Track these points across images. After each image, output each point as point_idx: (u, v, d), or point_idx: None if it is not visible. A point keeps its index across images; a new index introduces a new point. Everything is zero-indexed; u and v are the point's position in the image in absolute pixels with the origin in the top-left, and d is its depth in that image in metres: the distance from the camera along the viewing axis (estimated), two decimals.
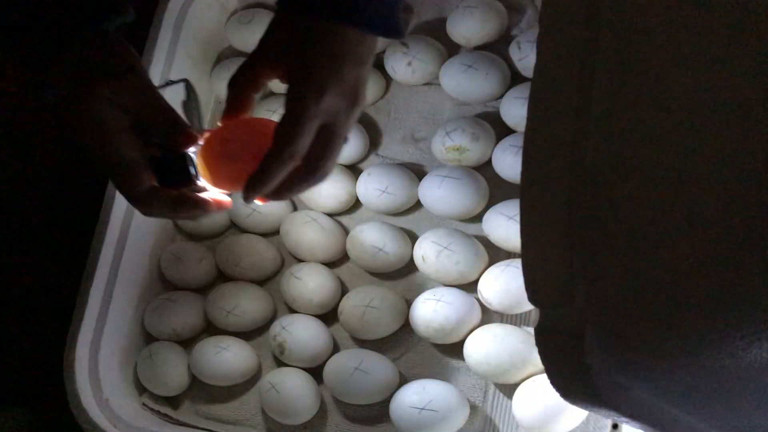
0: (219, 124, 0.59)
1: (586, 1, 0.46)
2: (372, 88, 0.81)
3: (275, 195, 0.58)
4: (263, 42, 0.57)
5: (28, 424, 0.84)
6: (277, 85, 0.84)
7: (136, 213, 0.79)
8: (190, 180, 0.58)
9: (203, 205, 0.58)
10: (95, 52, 0.56)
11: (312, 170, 0.56)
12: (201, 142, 0.58)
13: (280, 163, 0.55)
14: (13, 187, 0.92)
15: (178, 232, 0.85)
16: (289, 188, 0.57)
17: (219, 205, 0.59)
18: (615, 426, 0.66)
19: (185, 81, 0.63)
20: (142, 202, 0.56)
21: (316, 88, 0.55)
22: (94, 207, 0.78)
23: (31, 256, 0.90)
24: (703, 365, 0.41)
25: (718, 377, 0.41)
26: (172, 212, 0.57)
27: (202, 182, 0.59)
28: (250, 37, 0.86)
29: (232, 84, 0.58)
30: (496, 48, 0.82)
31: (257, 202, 0.59)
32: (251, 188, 0.56)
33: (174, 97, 0.62)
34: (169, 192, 0.57)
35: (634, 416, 0.46)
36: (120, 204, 0.78)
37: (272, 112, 0.82)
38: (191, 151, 0.58)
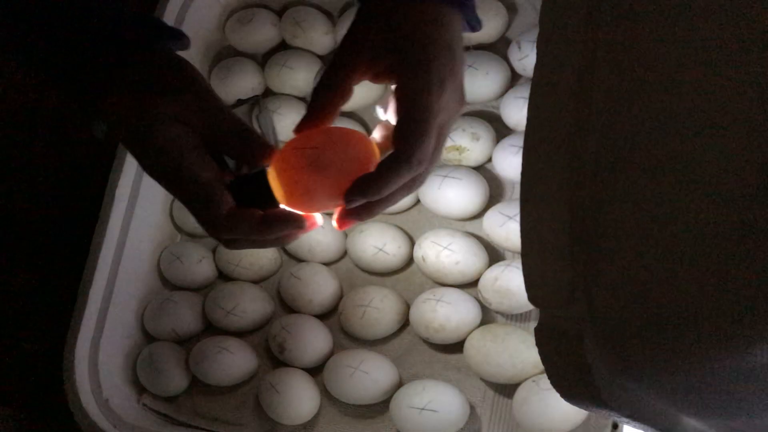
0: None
1: (586, 1, 0.46)
2: (372, 88, 0.81)
3: (367, 211, 0.51)
4: (353, 39, 0.51)
5: (28, 424, 0.84)
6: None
7: (136, 213, 0.79)
8: (272, 199, 0.50)
9: (297, 221, 0.51)
10: (153, 71, 0.51)
11: (421, 178, 0.51)
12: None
13: (407, 169, 0.48)
14: (13, 187, 0.92)
15: (178, 232, 0.85)
16: (390, 200, 0.50)
17: (311, 224, 0.52)
18: (615, 426, 0.66)
19: (257, 97, 0.58)
20: (224, 228, 0.50)
21: (437, 81, 0.49)
22: (94, 207, 0.78)
23: (31, 256, 0.89)
24: (704, 367, 0.41)
25: (719, 379, 0.41)
26: (260, 235, 0.50)
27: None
28: (250, 36, 0.86)
29: (323, 89, 0.51)
30: (496, 48, 0.82)
31: (318, 220, 0.52)
32: (360, 191, 0.48)
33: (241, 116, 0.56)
34: (254, 213, 0.50)
35: (634, 416, 0.46)
36: (120, 204, 0.78)
37: (273, 111, 0.82)
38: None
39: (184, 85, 0.51)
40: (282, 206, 0.51)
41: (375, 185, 0.48)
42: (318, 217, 0.53)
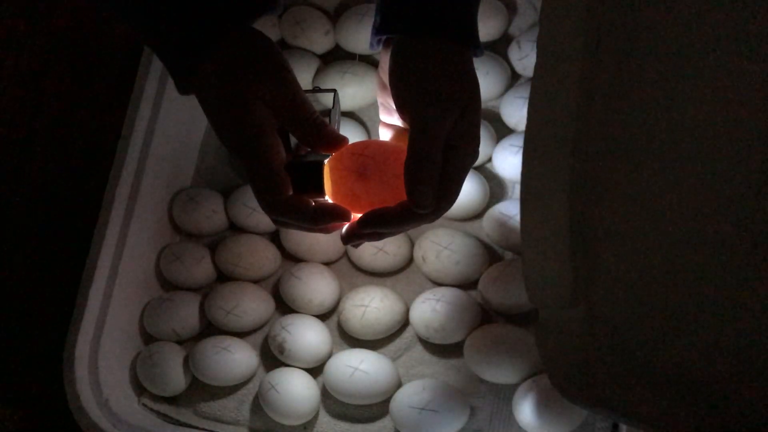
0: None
1: (586, 0, 0.46)
2: (373, 88, 0.81)
3: (376, 237, 0.56)
4: (429, 90, 0.54)
5: (28, 425, 0.84)
6: None
7: (136, 213, 0.79)
8: (321, 190, 0.55)
9: (344, 216, 0.55)
10: (246, 50, 0.54)
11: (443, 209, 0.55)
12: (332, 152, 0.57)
13: (428, 221, 0.54)
14: (13, 186, 0.92)
15: (177, 232, 0.85)
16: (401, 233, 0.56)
17: (355, 218, 0.57)
18: (615, 426, 0.66)
19: (334, 91, 0.61)
20: (279, 212, 0.55)
21: (479, 135, 0.55)
22: (94, 207, 0.78)
23: (31, 256, 0.89)
24: (703, 367, 0.41)
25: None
26: (310, 224, 0.55)
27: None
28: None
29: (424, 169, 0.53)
30: (496, 48, 0.82)
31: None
32: (378, 225, 0.53)
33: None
34: (308, 203, 0.55)
35: (634, 416, 0.46)
36: (120, 204, 0.78)
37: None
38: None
39: (273, 70, 0.54)
40: (327, 198, 0.56)
41: (393, 227, 0.53)
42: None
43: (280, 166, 0.54)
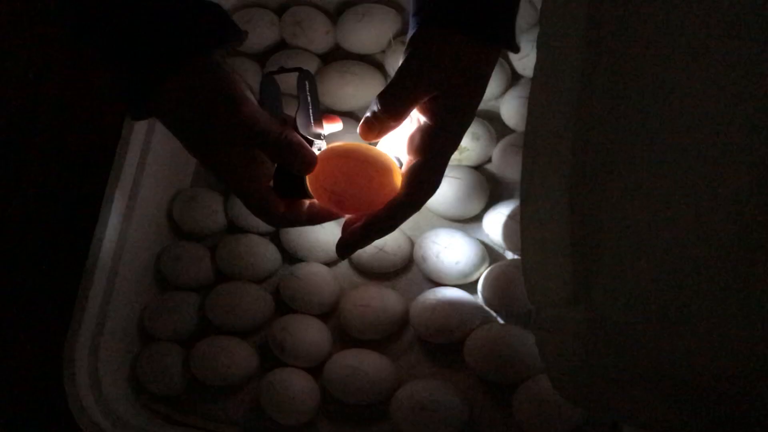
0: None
1: (586, 0, 0.46)
2: (373, 87, 0.81)
3: (367, 242, 0.57)
4: (419, 59, 0.53)
5: (28, 424, 0.84)
6: None
7: (135, 213, 0.79)
8: (307, 194, 0.58)
9: (335, 215, 0.58)
10: (206, 82, 0.53)
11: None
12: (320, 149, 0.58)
13: (415, 211, 0.55)
14: (13, 186, 0.92)
15: (177, 232, 0.85)
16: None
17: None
18: (615, 426, 0.66)
19: (299, 69, 0.59)
20: (278, 224, 0.58)
21: (465, 127, 0.54)
22: (93, 207, 0.78)
23: (31, 256, 0.89)
24: (702, 366, 0.41)
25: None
26: (307, 224, 0.58)
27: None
28: (249, 36, 0.86)
29: (387, 108, 0.54)
30: None
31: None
32: (371, 231, 0.55)
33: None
34: (300, 213, 0.57)
35: (634, 416, 0.46)
36: (120, 204, 0.78)
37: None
38: (316, 148, 0.58)
39: (236, 102, 0.53)
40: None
41: (385, 227, 0.54)
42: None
43: (264, 190, 0.56)
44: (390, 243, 0.76)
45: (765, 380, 0.40)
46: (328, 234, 0.78)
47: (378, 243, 0.76)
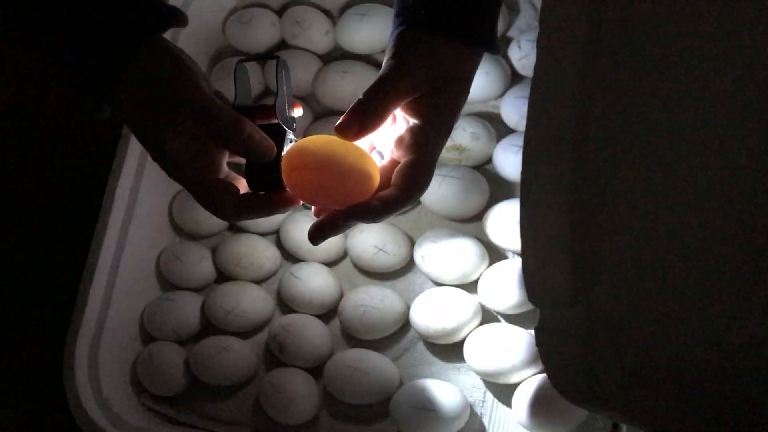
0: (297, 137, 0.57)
1: (586, 0, 0.46)
2: (365, 83, 0.81)
3: (340, 230, 0.55)
4: (400, 61, 0.53)
5: (28, 424, 0.84)
6: None
7: (135, 213, 0.79)
8: (281, 185, 0.55)
9: (295, 204, 0.56)
10: (158, 69, 0.52)
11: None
12: (291, 141, 0.56)
13: (405, 207, 0.54)
14: (13, 186, 0.92)
15: (177, 232, 0.85)
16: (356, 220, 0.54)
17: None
18: (615, 426, 0.66)
19: (278, 58, 0.58)
20: (232, 218, 0.56)
21: (451, 124, 0.54)
22: (93, 207, 0.78)
23: (31, 256, 0.89)
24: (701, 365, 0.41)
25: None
26: (266, 216, 0.56)
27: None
28: (250, 36, 0.86)
29: (366, 108, 0.53)
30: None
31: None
32: (358, 218, 0.53)
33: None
34: (257, 205, 0.55)
35: (634, 416, 0.46)
36: (120, 204, 0.78)
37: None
38: (290, 139, 0.56)
39: (187, 93, 0.52)
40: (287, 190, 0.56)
41: (373, 216, 0.53)
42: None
43: (216, 182, 0.54)
44: (390, 243, 0.76)
45: (765, 380, 0.40)
46: None
47: (378, 243, 0.76)
